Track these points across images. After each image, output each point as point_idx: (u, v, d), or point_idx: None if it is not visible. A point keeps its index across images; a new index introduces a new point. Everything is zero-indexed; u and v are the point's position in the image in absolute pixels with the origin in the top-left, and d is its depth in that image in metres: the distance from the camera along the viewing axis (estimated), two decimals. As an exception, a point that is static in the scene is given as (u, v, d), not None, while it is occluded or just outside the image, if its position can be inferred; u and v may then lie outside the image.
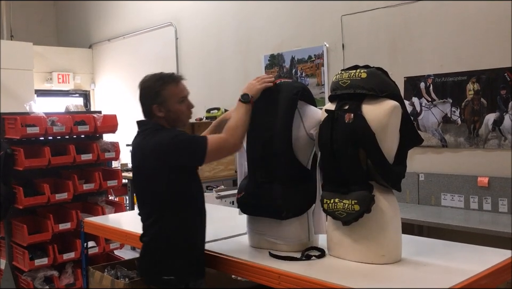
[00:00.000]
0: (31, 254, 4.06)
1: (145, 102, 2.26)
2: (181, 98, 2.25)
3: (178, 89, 2.26)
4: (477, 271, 1.90)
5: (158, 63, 7.19)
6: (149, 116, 2.26)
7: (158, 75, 2.27)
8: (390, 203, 2.04)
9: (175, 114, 2.24)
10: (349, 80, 2.05)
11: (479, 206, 3.96)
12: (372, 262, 2.02)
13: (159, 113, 2.22)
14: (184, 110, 2.27)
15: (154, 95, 2.21)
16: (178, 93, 2.25)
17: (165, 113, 2.22)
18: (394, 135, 2.03)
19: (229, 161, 5.31)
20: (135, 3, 7.73)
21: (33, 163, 4.03)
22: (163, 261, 2.21)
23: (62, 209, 4.29)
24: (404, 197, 4.35)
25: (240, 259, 2.20)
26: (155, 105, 2.21)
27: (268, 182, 2.23)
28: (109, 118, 4.50)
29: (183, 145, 2.14)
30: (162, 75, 2.26)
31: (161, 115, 2.22)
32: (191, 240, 2.23)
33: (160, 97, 2.21)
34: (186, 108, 2.28)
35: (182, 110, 2.26)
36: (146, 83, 2.26)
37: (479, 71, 3.99)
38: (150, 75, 2.29)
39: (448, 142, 4.21)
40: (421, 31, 4.35)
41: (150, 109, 2.23)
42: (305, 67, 5.29)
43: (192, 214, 2.24)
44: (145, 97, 2.26)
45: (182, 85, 2.29)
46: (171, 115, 2.23)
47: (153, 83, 2.24)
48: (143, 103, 2.27)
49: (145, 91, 2.26)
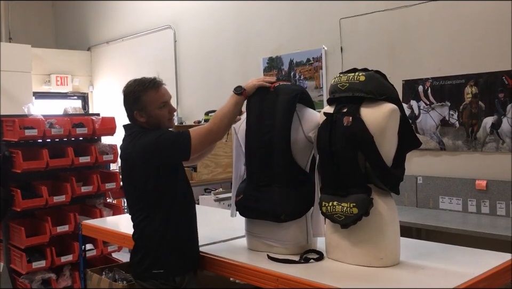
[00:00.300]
0: (29, 256, 4.05)
1: (127, 108, 2.31)
2: (161, 103, 2.28)
3: (159, 95, 2.28)
4: (475, 274, 1.90)
5: (157, 66, 7.19)
6: (132, 121, 2.32)
7: (138, 81, 2.30)
8: (389, 206, 2.04)
9: (156, 119, 2.27)
10: (347, 83, 2.05)
11: (477, 209, 3.97)
12: (370, 265, 2.02)
13: (141, 118, 2.27)
14: (165, 115, 2.31)
15: (134, 101, 2.26)
16: (159, 98, 2.28)
17: (146, 118, 2.27)
18: (392, 138, 2.04)
19: (227, 164, 5.31)
20: (134, 5, 7.74)
21: (31, 165, 4.02)
22: (152, 256, 2.25)
23: (60, 211, 4.29)
24: (402, 200, 4.35)
25: (238, 262, 2.20)
26: (136, 111, 2.26)
27: (266, 185, 2.24)
28: (107, 120, 4.49)
29: (168, 143, 2.20)
30: (142, 81, 2.29)
31: (143, 121, 2.27)
32: (179, 235, 2.27)
33: (140, 103, 2.25)
34: (167, 113, 2.31)
35: (163, 115, 2.29)
36: (128, 89, 2.30)
37: (477, 75, 4.00)
38: (131, 81, 2.33)
39: (446, 145, 4.21)
40: (419, 34, 4.36)
41: (132, 114, 2.28)
42: (303, 70, 5.30)
43: (179, 209, 2.29)
44: (127, 103, 2.30)
45: (163, 90, 2.31)
46: (152, 120, 2.27)
47: (133, 89, 2.27)
48: (125, 109, 2.32)
49: (126, 97, 2.30)
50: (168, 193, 2.25)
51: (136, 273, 2.31)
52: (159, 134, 2.21)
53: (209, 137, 2.23)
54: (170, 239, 2.24)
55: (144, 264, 2.25)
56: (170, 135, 2.24)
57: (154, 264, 2.24)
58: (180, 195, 2.30)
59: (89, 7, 8.78)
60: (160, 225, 2.24)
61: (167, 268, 2.23)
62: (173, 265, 2.25)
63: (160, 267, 2.23)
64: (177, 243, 2.26)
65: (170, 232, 2.24)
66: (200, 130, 2.23)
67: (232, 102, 2.27)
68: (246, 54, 5.95)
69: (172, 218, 2.25)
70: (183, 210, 2.31)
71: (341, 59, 4.91)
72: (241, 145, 2.38)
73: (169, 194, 2.25)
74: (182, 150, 2.20)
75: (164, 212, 2.24)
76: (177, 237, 2.26)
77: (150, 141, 2.19)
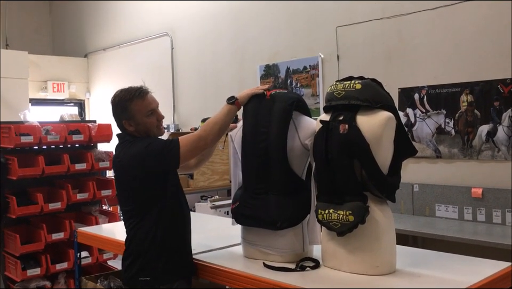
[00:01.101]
0: (24, 264, 4.02)
1: (116, 118, 2.33)
2: (148, 111, 2.30)
3: (145, 103, 2.29)
4: (471, 282, 1.90)
5: (154, 73, 7.21)
6: (122, 130, 2.34)
7: (124, 91, 2.32)
8: (385, 214, 2.04)
9: (144, 127, 2.29)
10: (343, 91, 2.06)
11: (473, 216, 3.97)
12: (366, 273, 2.02)
13: (130, 127, 2.29)
14: (154, 122, 2.32)
15: (122, 110, 2.29)
16: (146, 107, 2.29)
17: (135, 127, 2.28)
18: (388, 146, 2.04)
19: (223, 171, 5.31)
20: (131, 13, 7.76)
21: (27, 172, 4.01)
22: (140, 262, 2.25)
23: (55, 218, 4.27)
24: (399, 208, 4.35)
25: (234, 270, 2.19)
26: (124, 120, 2.29)
27: (263, 192, 2.23)
28: (104, 127, 4.49)
29: (157, 152, 2.20)
30: (129, 90, 2.31)
31: (132, 129, 2.29)
32: (168, 242, 2.26)
33: (128, 112, 2.27)
34: (155, 120, 2.32)
35: (152, 123, 2.31)
36: (115, 99, 2.32)
37: (472, 83, 4.02)
38: (119, 91, 2.35)
39: (442, 152, 4.22)
40: (415, 43, 4.38)
41: (121, 123, 2.30)
42: (300, 77, 5.32)
43: (169, 216, 2.28)
44: (115, 113, 2.33)
45: (150, 98, 2.33)
46: (141, 128, 2.29)
47: (120, 99, 2.30)
48: (114, 119, 2.35)
49: (114, 108, 2.32)
50: (157, 200, 2.25)
51: (125, 279, 2.31)
52: (148, 143, 2.22)
53: (199, 144, 2.22)
54: (159, 246, 2.24)
55: (132, 271, 2.26)
56: (159, 143, 2.25)
57: (142, 270, 2.24)
58: (171, 203, 2.30)
59: (86, 14, 8.80)
60: (149, 232, 2.24)
61: (153, 276, 2.23)
62: (160, 272, 2.24)
63: (146, 275, 2.23)
64: (167, 250, 2.26)
65: (159, 239, 2.24)
66: (190, 138, 2.23)
67: (224, 111, 2.27)
68: (242, 61, 5.97)
69: (161, 224, 2.25)
70: (174, 217, 2.31)
71: (337, 67, 4.93)
72: (238, 153, 2.38)
73: (159, 201, 2.25)
74: (171, 157, 2.20)
75: (154, 219, 2.24)
76: (167, 244, 2.26)
77: (139, 150, 2.20)
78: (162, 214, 2.26)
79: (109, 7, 8.24)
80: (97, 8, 8.50)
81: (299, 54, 5.32)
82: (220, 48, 6.26)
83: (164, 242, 2.25)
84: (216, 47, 6.31)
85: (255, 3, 5.78)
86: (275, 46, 5.58)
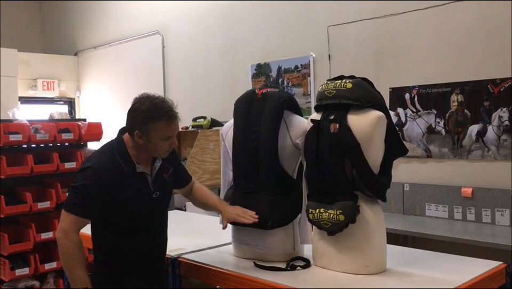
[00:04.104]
0: (12, 263, 3.99)
1: (130, 122, 2.13)
2: (167, 136, 2.13)
3: (169, 129, 2.11)
4: (461, 281, 1.91)
5: (145, 72, 7.17)
6: (130, 134, 2.15)
7: (154, 104, 2.09)
8: (375, 213, 2.05)
9: (154, 147, 2.13)
10: (334, 90, 2.06)
11: (463, 216, 3.99)
12: (356, 272, 2.02)
13: (139, 140, 2.11)
14: (165, 148, 2.17)
15: (142, 122, 2.07)
16: (167, 132, 2.11)
17: (145, 142, 2.11)
18: (379, 145, 2.04)
19: (214, 170, 5.29)
20: (122, 11, 7.71)
21: (16, 171, 3.97)
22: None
23: (44, 218, 4.23)
24: (389, 207, 4.36)
25: (225, 270, 2.18)
26: (137, 131, 2.09)
27: (254, 192, 2.23)
28: (94, 126, 4.46)
29: (70, 196, 2.10)
30: (158, 107, 2.08)
31: (140, 143, 2.12)
32: (131, 250, 2.20)
33: (146, 127, 2.07)
34: (168, 146, 2.17)
35: (163, 147, 2.15)
36: (140, 108, 2.08)
37: (462, 83, 4.04)
38: (147, 99, 2.11)
39: (432, 152, 4.24)
40: (406, 42, 4.39)
41: (132, 131, 2.12)
42: (291, 77, 5.31)
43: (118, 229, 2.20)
44: (131, 118, 2.11)
45: (175, 124, 2.14)
46: (150, 147, 2.13)
47: (146, 110, 2.07)
48: (128, 120, 2.14)
49: (135, 113, 2.10)
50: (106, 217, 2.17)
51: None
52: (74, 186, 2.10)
53: (58, 242, 2.07)
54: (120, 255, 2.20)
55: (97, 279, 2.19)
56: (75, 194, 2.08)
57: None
58: (125, 220, 2.17)
59: (77, 11, 8.73)
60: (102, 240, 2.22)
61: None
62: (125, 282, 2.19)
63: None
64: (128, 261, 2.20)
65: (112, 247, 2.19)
66: (59, 232, 2.06)
67: (74, 278, 2.07)
68: (234, 60, 5.95)
69: (120, 236, 2.18)
70: (130, 231, 2.20)
71: (328, 67, 4.93)
72: (229, 152, 2.37)
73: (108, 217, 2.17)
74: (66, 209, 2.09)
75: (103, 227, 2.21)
76: (130, 252, 2.20)
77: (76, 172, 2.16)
78: (117, 228, 2.18)
79: (99, 5, 8.18)
80: (88, 6, 8.43)
81: (290, 53, 5.32)
82: (212, 47, 6.24)
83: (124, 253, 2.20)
84: (208, 45, 6.29)
85: (247, 3, 5.76)
86: (266, 45, 5.57)
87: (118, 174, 2.11)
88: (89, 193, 2.06)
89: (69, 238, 2.04)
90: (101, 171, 2.09)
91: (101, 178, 2.08)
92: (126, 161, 2.15)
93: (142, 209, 2.18)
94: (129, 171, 2.14)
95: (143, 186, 2.18)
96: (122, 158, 2.15)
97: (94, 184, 2.06)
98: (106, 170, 2.10)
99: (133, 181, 2.15)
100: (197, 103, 6.30)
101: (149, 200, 2.19)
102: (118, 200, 2.11)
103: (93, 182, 2.07)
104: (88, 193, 2.06)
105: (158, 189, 2.22)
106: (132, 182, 2.14)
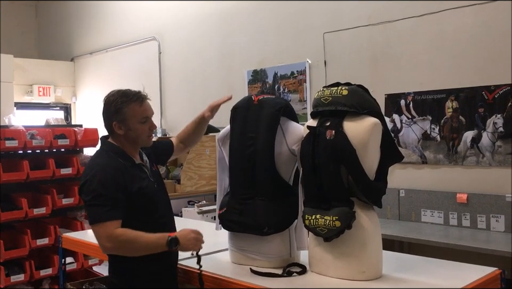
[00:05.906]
0: (7, 270, 3.97)
1: (106, 118, 2.22)
2: (143, 118, 2.20)
3: (142, 109, 2.19)
4: (457, 287, 1.92)
5: (141, 77, 7.16)
6: (110, 132, 2.23)
7: (122, 92, 2.21)
8: (371, 219, 2.06)
9: (135, 133, 2.19)
10: (330, 97, 2.07)
11: (458, 222, 4.01)
12: (352, 278, 2.02)
13: (119, 130, 2.18)
14: (145, 130, 2.22)
15: (115, 111, 2.16)
16: (141, 113, 2.19)
17: (125, 131, 2.18)
18: (375, 151, 2.06)
19: (211, 176, 5.29)
20: (119, 16, 7.72)
21: (11, 177, 3.96)
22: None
23: (40, 224, 4.22)
24: (385, 213, 4.38)
25: (221, 276, 2.18)
26: (115, 122, 2.17)
27: (250, 198, 2.23)
28: (90, 131, 4.46)
29: (92, 210, 2.09)
30: (126, 93, 2.21)
31: (121, 133, 2.18)
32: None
33: (121, 114, 2.16)
34: (147, 129, 2.22)
35: (143, 130, 2.21)
36: (110, 99, 2.20)
37: (457, 89, 4.07)
38: (115, 91, 2.23)
39: (428, 158, 4.26)
40: (401, 49, 4.42)
41: (110, 125, 2.19)
42: (288, 83, 5.33)
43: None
44: (106, 113, 2.21)
45: (147, 105, 2.23)
46: (131, 134, 2.19)
47: (115, 100, 2.18)
48: (104, 118, 2.23)
49: (107, 107, 2.20)
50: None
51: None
52: (86, 179, 2.11)
53: (100, 241, 2.08)
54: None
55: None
56: (90, 189, 2.08)
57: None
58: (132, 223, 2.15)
59: (73, 17, 8.74)
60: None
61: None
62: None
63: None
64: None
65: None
66: (101, 232, 2.05)
67: (154, 245, 2.06)
68: (230, 66, 5.97)
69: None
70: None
71: (324, 73, 4.96)
72: (225, 158, 2.38)
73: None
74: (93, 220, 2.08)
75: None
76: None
77: (81, 182, 2.15)
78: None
79: (96, 10, 8.19)
80: (84, 11, 8.44)
81: (287, 60, 5.34)
82: (208, 53, 6.25)
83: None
84: (204, 51, 6.31)
85: (243, 9, 5.79)
86: (263, 51, 5.59)
87: (123, 168, 2.15)
88: (108, 193, 2.06)
89: (117, 238, 2.02)
90: (108, 169, 2.12)
91: (111, 175, 2.10)
92: (122, 157, 2.20)
93: (155, 198, 2.22)
94: (130, 165, 2.19)
95: (146, 177, 2.23)
96: (118, 155, 2.19)
97: (109, 182, 2.07)
98: (111, 168, 2.13)
99: (136, 172, 2.20)
100: (193, 109, 6.28)
101: (154, 190, 2.24)
102: (132, 193, 2.12)
103: (107, 181, 2.08)
104: (107, 193, 2.06)
105: (155, 180, 2.28)
106: (136, 174, 2.19)
